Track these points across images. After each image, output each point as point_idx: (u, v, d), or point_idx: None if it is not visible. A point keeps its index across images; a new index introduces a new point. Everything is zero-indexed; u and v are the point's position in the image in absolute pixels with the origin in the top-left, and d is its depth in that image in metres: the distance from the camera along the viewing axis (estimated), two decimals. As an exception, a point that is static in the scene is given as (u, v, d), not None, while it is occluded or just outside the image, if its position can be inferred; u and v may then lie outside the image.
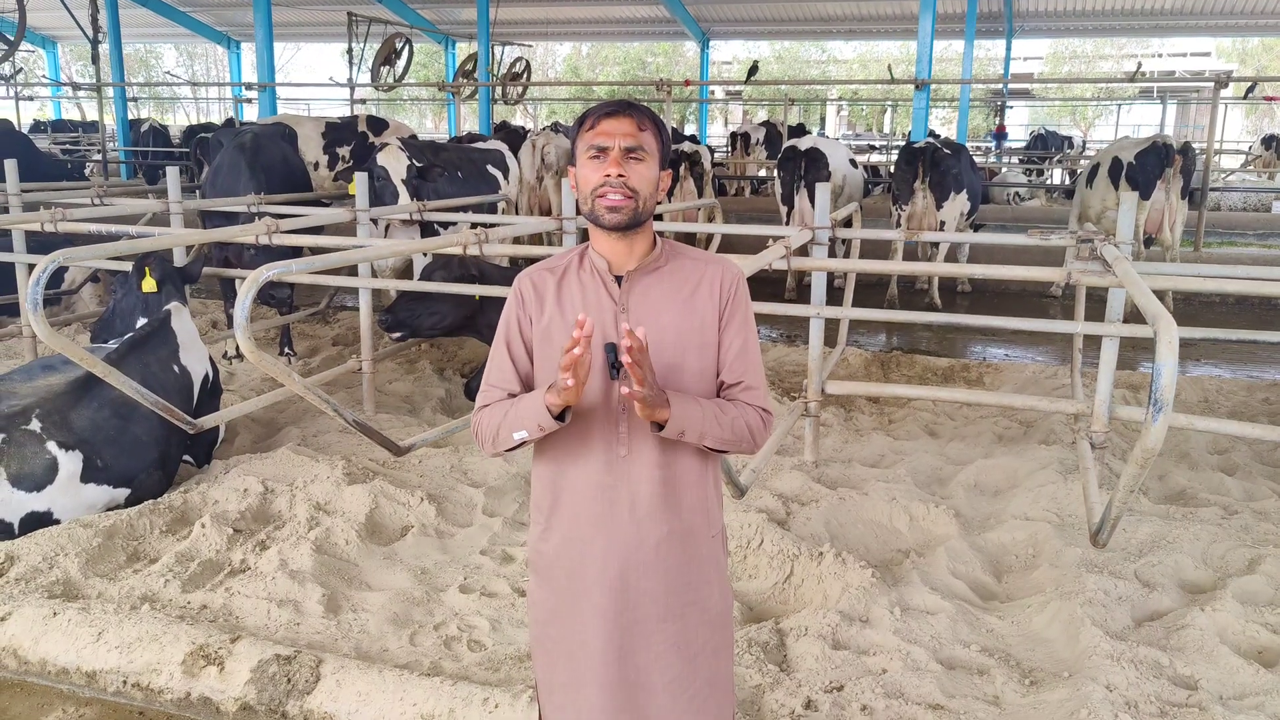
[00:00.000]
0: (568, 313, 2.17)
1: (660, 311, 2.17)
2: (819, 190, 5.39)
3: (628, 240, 2.17)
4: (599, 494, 2.17)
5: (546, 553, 2.26)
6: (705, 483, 2.25)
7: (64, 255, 4.04)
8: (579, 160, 2.17)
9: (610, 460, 2.16)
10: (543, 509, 2.27)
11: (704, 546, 2.25)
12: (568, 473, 2.20)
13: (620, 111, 2.13)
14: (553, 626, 2.27)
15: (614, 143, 2.10)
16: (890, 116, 37.07)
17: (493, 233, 5.20)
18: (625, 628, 2.18)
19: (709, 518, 2.26)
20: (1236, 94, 22.41)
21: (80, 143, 21.90)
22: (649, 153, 2.13)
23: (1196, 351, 8.54)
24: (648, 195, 2.13)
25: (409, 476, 5.09)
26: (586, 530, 2.19)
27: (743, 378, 2.21)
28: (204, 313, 9.03)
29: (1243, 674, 3.38)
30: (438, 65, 31.93)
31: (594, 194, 2.12)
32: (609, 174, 2.09)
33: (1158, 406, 2.58)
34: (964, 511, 4.77)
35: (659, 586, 2.19)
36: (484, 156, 9.46)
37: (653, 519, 2.17)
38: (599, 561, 2.18)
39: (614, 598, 2.17)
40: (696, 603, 2.23)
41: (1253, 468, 5.51)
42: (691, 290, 2.19)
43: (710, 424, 2.10)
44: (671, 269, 2.22)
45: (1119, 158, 10.08)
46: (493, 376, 2.24)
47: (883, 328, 9.48)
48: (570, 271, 2.22)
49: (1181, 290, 8.38)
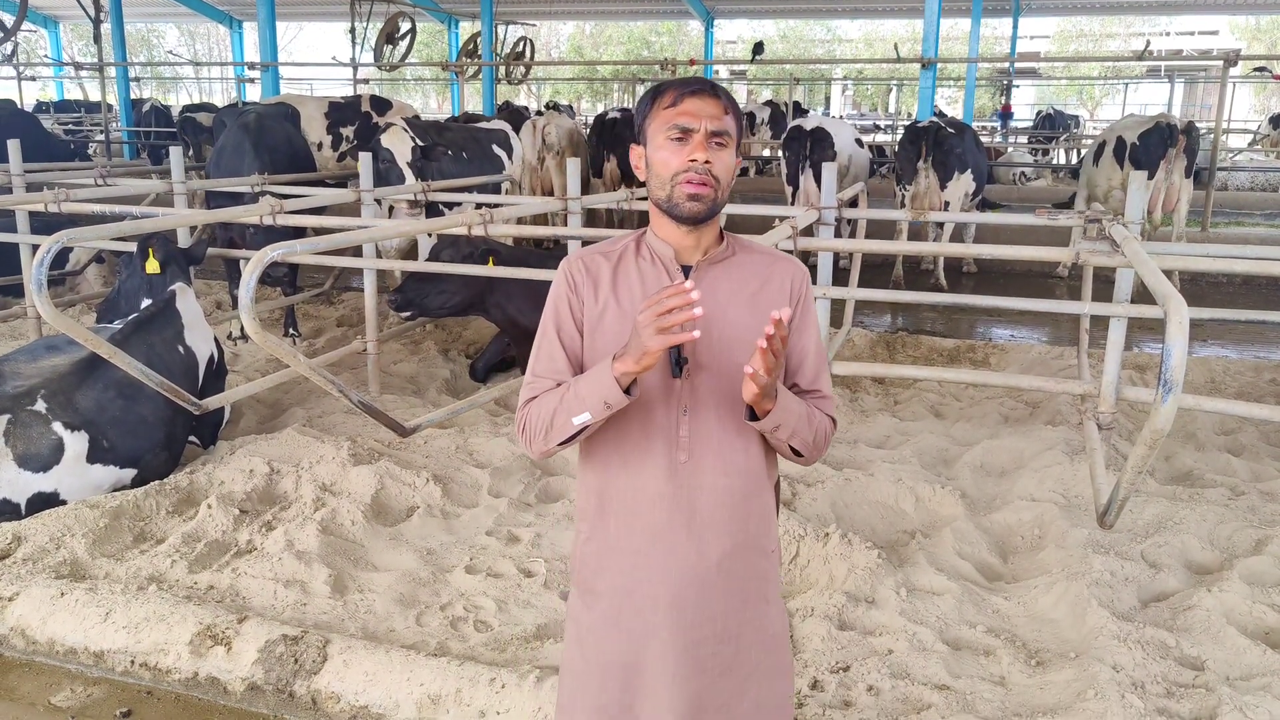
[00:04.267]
0: (624, 302, 2.01)
1: (727, 307, 2.01)
2: (824, 170, 5.36)
3: (698, 231, 2.01)
4: (656, 503, 2.00)
5: (593, 564, 2.09)
6: (766, 493, 2.10)
7: (68, 236, 4.03)
8: (653, 140, 1.97)
9: (670, 466, 1.99)
10: (589, 517, 2.09)
11: (764, 562, 2.10)
12: (620, 479, 2.03)
13: (706, 90, 1.95)
14: (588, 645, 2.09)
15: (700, 125, 1.92)
16: (896, 96, 36.85)
17: (497, 213, 5.18)
18: (681, 650, 2.01)
19: (768, 529, 2.11)
20: (1245, 73, 22.25)
21: (83, 123, 21.83)
22: (731, 138, 1.97)
23: (1204, 332, 8.51)
24: (727, 184, 1.98)
25: (414, 457, 5.09)
26: (641, 543, 2.02)
27: (818, 385, 2.09)
28: (208, 293, 9.01)
29: (1249, 655, 3.38)
30: (441, 45, 31.78)
31: (674, 180, 1.94)
32: (694, 159, 1.92)
33: (1167, 387, 2.56)
34: (970, 492, 4.77)
35: (717, 606, 2.02)
36: (488, 136, 9.41)
37: (714, 531, 2.00)
38: (655, 578, 2.01)
39: (671, 617, 2.00)
40: (753, 622, 2.07)
41: (1260, 448, 5.49)
42: (760, 285, 2.05)
43: (803, 424, 1.98)
44: (740, 261, 2.07)
45: (1123, 137, 10.01)
46: (540, 366, 2.04)
47: (888, 308, 9.45)
48: (627, 258, 2.05)
49: (1188, 270, 8.33)
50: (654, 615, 2.02)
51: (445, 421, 5.25)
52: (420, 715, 3.21)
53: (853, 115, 35.87)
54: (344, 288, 9.09)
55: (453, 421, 5.45)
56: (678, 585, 2.01)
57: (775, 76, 29.95)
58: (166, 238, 5.85)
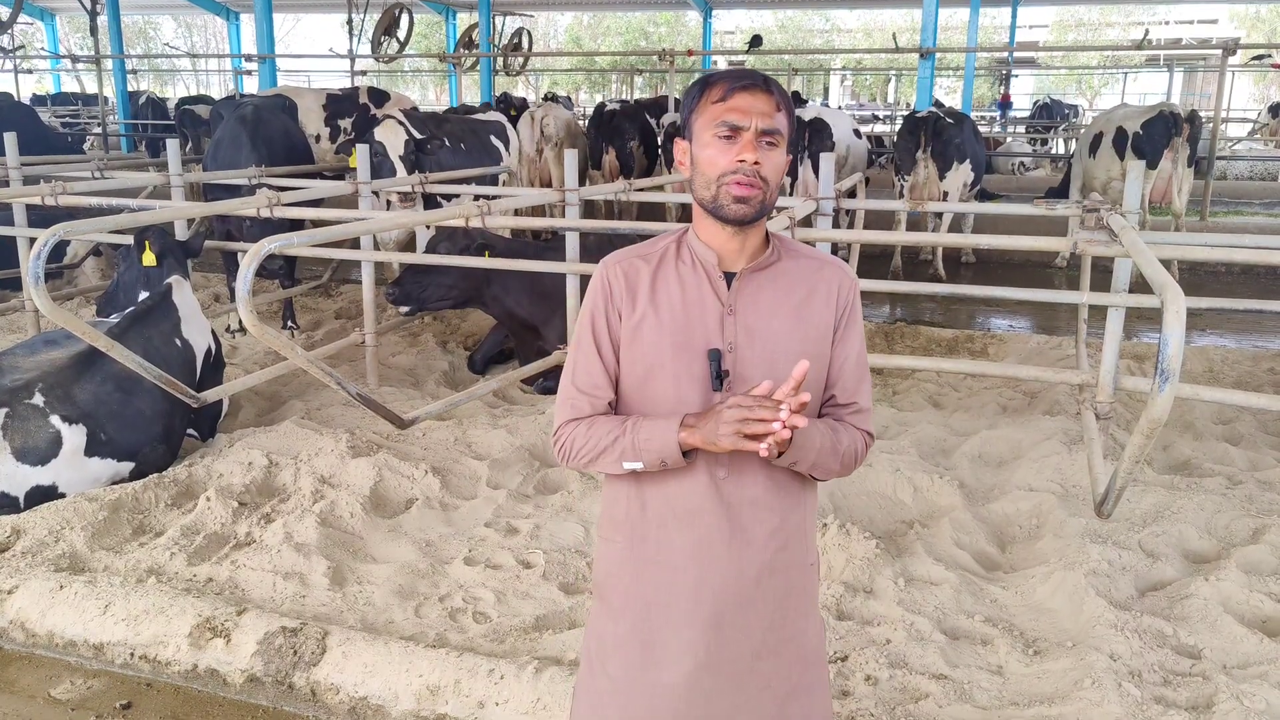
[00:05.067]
0: (662, 310, 1.92)
1: (771, 316, 1.93)
2: (823, 160, 5.35)
3: (744, 234, 1.91)
4: (693, 519, 1.93)
5: (623, 577, 2.01)
6: (806, 507, 2.03)
7: (64, 229, 4.02)
8: (699, 136, 1.88)
9: (710, 482, 1.92)
10: (620, 528, 2.02)
11: (803, 576, 2.04)
12: (657, 493, 1.95)
13: (757, 85, 1.84)
14: (614, 663, 2.02)
15: (750, 123, 1.82)
16: (894, 86, 36.81)
17: (495, 205, 5.17)
18: (716, 667, 1.95)
19: (808, 544, 2.05)
20: (1244, 62, 22.20)
21: (80, 116, 21.79)
22: (783, 137, 1.87)
23: (1202, 321, 8.51)
24: (776, 185, 1.88)
25: (413, 449, 5.10)
26: (678, 558, 1.95)
27: (856, 399, 2.01)
28: (206, 286, 9.01)
29: (1246, 643, 3.39)
30: (438, 36, 31.72)
31: (720, 181, 1.84)
32: (744, 159, 1.82)
33: (1164, 377, 2.56)
34: (968, 482, 4.77)
35: (757, 622, 1.96)
36: (486, 127, 9.41)
37: (753, 547, 1.94)
38: (691, 594, 1.94)
39: (708, 635, 1.94)
40: (794, 639, 2.02)
41: (1257, 438, 5.50)
42: (806, 294, 1.96)
43: (825, 455, 1.91)
44: (784, 268, 1.97)
45: (1124, 127, 9.99)
46: (580, 380, 1.98)
47: (887, 299, 9.46)
48: (667, 262, 1.96)
49: (1187, 260, 8.33)
50: (690, 631, 1.96)
51: (444, 413, 5.25)
52: (419, 706, 3.22)
53: (851, 105, 35.80)
54: (342, 280, 9.08)
55: (451, 413, 5.45)
56: (716, 602, 1.95)
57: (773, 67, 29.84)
58: (163, 230, 5.84)
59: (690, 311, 1.92)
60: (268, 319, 7.91)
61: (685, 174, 1.95)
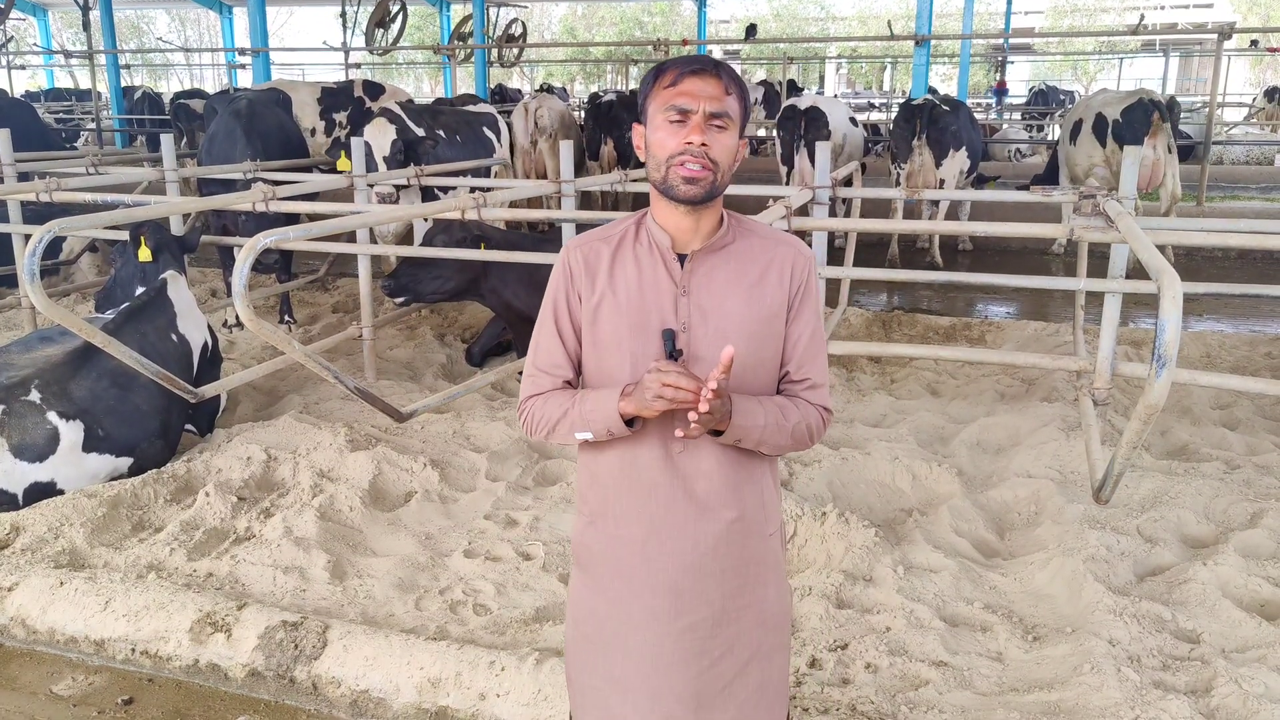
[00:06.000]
0: (620, 291, 2.00)
1: (725, 296, 1.99)
2: (819, 149, 5.35)
3: (696, 215, 1.98)
4: (653, 491, 2.02)
5: (593, 548, 2.11)
6: (764, 478, 2.10)
7: (59, 225, 4.01)
8: (652, 120, 1.95)
9: (665, 455, 2.00)
10: (589, 501, 2.12)
11: (762, 544, 2.10)
12: (618, 466, 2.04)
13: (707, 70, 1.91)
14: (589, 625, 2.13)
15: (698, 106, 1.89)
16: (890, 74, 36.72)
17: (490, 197, 5.16)
18: (678, 633, 2.03)
19: (769, 514, 2.11)
20: (1240, 46, 22.16)
21: (74, 111, 21.73)
22: (733, 120, 1.93)
23: (1199, 306, 8.52)
24: (727, 167, 1.94)
25: (411, 442, 5.10)
26: (638, 529, 2.03)
27: (810, 375, 2.05)
28: (203, 281, 9.00)
29: (1245, 627, 3.40)
30: (433, 28, 31.60)
31: (669, 162, 1.91)
32: (690, 142, 1.89)
33: (1161, 363, 2.56)
34: (966, 470, 4.78)
35: (716, 589, 2.04)
36: (478, 119, 9.40)
37: (709, 517, 2.02)
38: (652, 563, 2.03)
39: (668, 601, 2.03)
40: (753, 605, 2.09)
41: (1255, 422, 5.51)
42: (760, 274, 2.01)
43: (770, 432, 1.97)
44: (739, 248, 2.03)
45: (1103, 114, 9.98)
46: (541, 359, 2.08)
47: (884, 287, 9.45)
48: (625, 244, 2.03)
49: (1183, 245, 8.32)
50: (653, 600, 2.04)
51: (442, 406, 5.25)
52: (421, 699, 3.22)
53: (847, 94, 35.76)
54: (339, 274, 9.07)
55: (449, 406, 5.45)
56: (676, 571, 2.02)
57: (769, 56, 29.79)
58: (159, 225, 5.83)
59: (646, 293, 1.99)
60: (264, 313, 7.90)
61: (643, 158, 2.01)
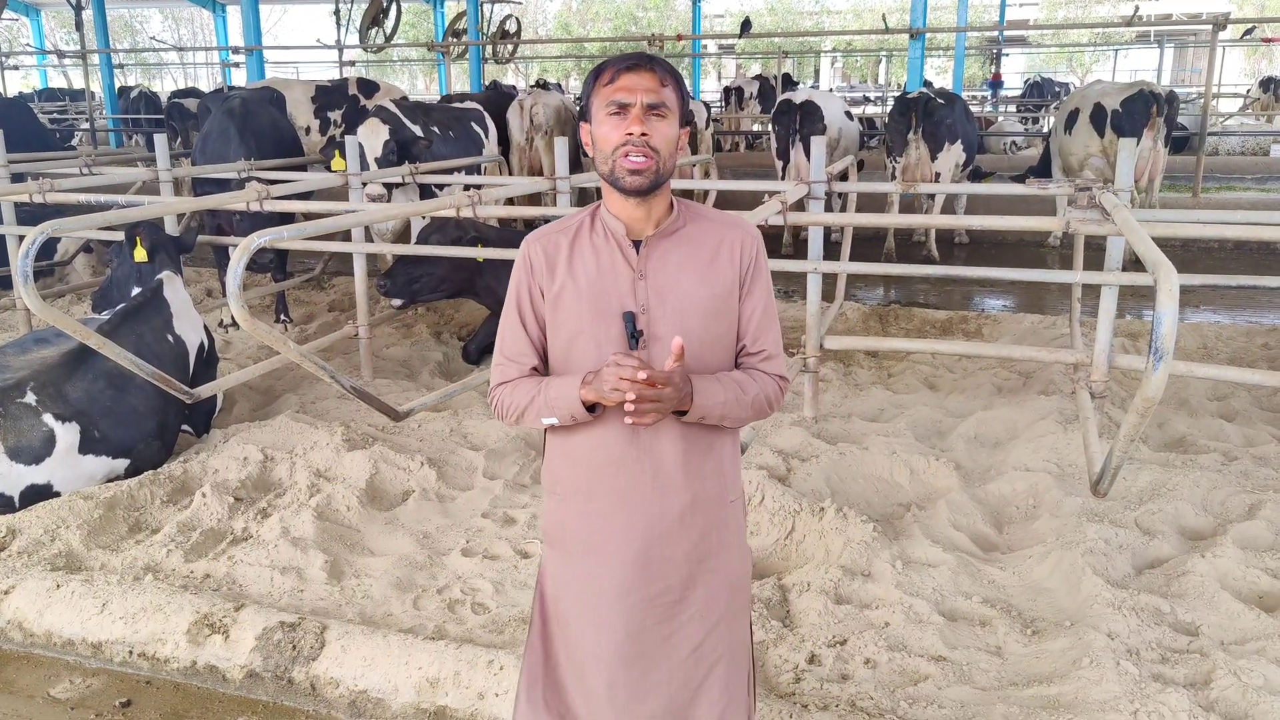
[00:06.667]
0: (579, 279, 2.09)
1: (680, 277, 2.10)
2: (813, 144, 5.33)
3: (646, 203, 2.08)
4: (619, 466, 2.11)
5: (563, 524, 2.21)
6: (725, 448, 2.21)
7: (52, 227, 4.00)
8: (596, 116, 2.05)
9: (631, 431, 2.09)
10: (559, 480, 2.21)
11: (725, 512, 2.21)
12: (585, 444, 2.14)
13: (642, 65, 2.02)
14: (564, 600, 2.22)
15: (636, 99, 2.00)
16: (885, 67, 36.68)
17: (485, 194, 5.15)
18: (648, 599, 2.14)
19: (730, 482, 2.22)
20: (1235, 36, 22.17)
21: (68, 111, 21.67)
22: (671, 109, 2.03)
23: (1195, 298, 8.52)
24: (668, 155, 2.04)
25: (408, 441, 5.09)
26: (606, 504, 2.13)
27: (764, 347, 2.17)
28: (199, 281, 8.98)
29: (1244, 619, 3.40)
30: (427, 25, 31.51)
31: (614, 154, 2.02)
32: (631, 133, 1.99)
33: (1158, 355, 2.56)
34: (964, 464, 4.77)
35: (681, 556, 2.15)
36: (467, 115, 9.40)
37: (675, 489, 2.12)
38: (621, 535, 2.13)
39: (637, 571, 2.13)
40: (719, 568, 2.20)
41: (1252, 413, 5.51)
42: (711, 255, 2.12)
43: (731, 406, 2.08)
44: (690, 232, 2.14)
45: (1101, 104, 9.96)
46: (507, 349, 2.18)
47: (881, 281, 9.45)
48: (582, 235, 2.13)
49: (1179, 236, 8.32)
50: (622, 569, 2.14)
51: (439, 404, 5.23)
52: (419, 699, 3.22)
53: (842, 87, 35.74)
54: (335, 272, 9.05)
55: (446, 404, 5.44)
56: (643, 540, 2.13)
57: (764, 50, 29.74)
58: (154, 226, 5.81)
59: (604, 279, 2.09)
60: (260, 313, 7.89)
61: (591, 154, 2.11)
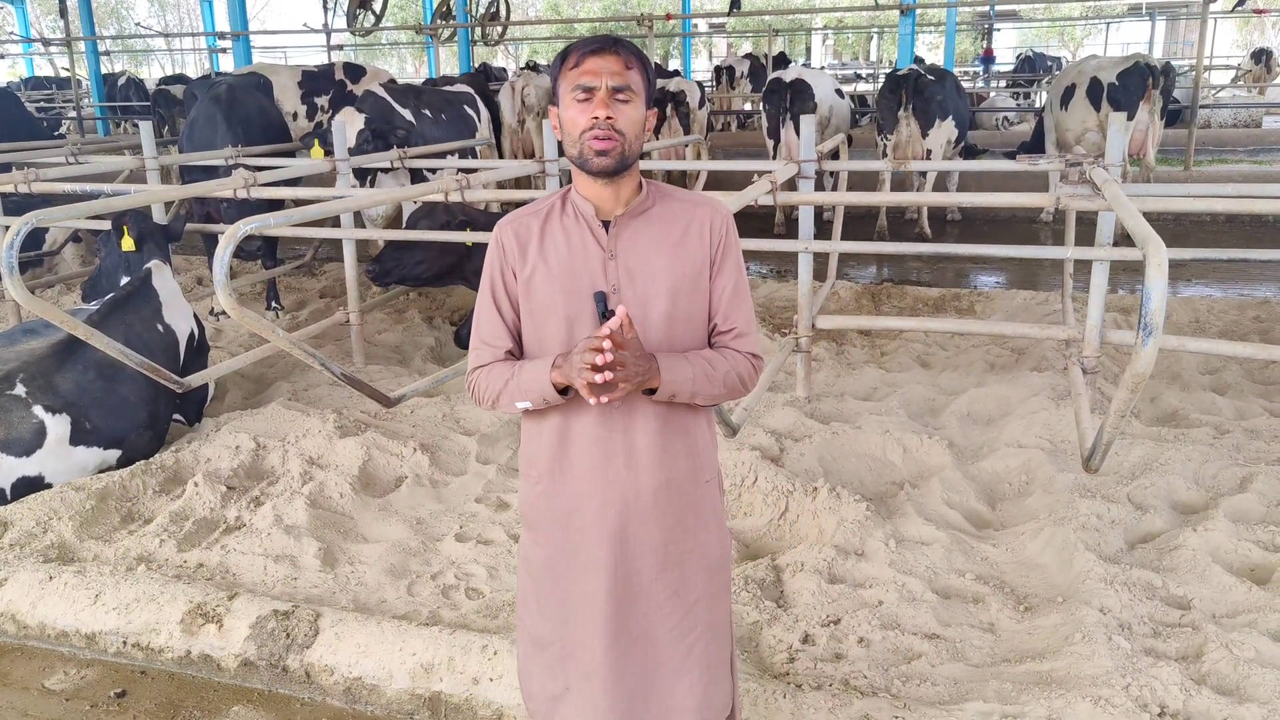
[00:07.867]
0: (551, 261, 2.11)
1: (650, 257, 2.11)
2: (804, 122, 5.30)
3: (615, 184, 2.10)
4: (594, 446, 2.13)
5: (540, 506, 2.22)
6: (700, 428, 2.22)
7: (37, 217, 3.98)
8: (563, 100, 2.07)
9: (605, 412, 2.10)
10: (535, 462, 2.22)
11: (701, 491, 2.22)
12: (560, 425, 2.16)
13: (606, 48, 2.03)
14: (546, 581, 2.24)
15: (600, 82, 2.01)
16: (876, 44, 36.54)
17: (475, 178, 5.12)
18: (625, 579, 2.16)
19: (705, 463, 2.23)
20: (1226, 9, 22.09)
21: (55, 100, 21.51)
22: (636, 92, 2.04)
23: (1187, 271, 8.52)
24: (634, 137, 2.06)
25: (401, 427, 5.08)
26: (582, 484, 2.15)
27: (735, 324, 2.17)
28: (189, 269, 8.95)
29: (1235, 592, 3.41)
30: (415, 7, 31.32)
31: (581, 137, 2.03)
32: (596, 116, 2.01)
33: (1147, 331, 2.55)
34: (957, 441, 4.78)
35: (657, 536, 2.16)
36: (459, 98, 9.34)
37: (649, 469, 2.13)
38: (596, 514, 2.15)
39: (613, 550, 2.14)
40: (695, 549, 2.21)
41: (1244, 386, 5.51)
42: (681, 233, 2.13)
43: (701, 383, 2.09)
44: (659, 212, 2.15)
45: (1098, 78, 9.93)
46: (483, 332, 2.19)
47: (873, 260, 9.43)
48: (553, 217, 2.15)
49: (1171, 210, 8.32)
50: (599, 549, 2.15)
51: (431, 390, 5.22)
52: (414, 685, 3.22)
53: (834, 65, 35.58)
54: (326, 258, 9.02)
55: (439, 390, 5.43)
56: (618, 520, 2.14)
57: (755, 28, 29.62)
58: (141, 215, 5.78)
59: (575, 259, 2.10)
60: (251, 300, 7.86)
61: (560, 138, 2.11)
